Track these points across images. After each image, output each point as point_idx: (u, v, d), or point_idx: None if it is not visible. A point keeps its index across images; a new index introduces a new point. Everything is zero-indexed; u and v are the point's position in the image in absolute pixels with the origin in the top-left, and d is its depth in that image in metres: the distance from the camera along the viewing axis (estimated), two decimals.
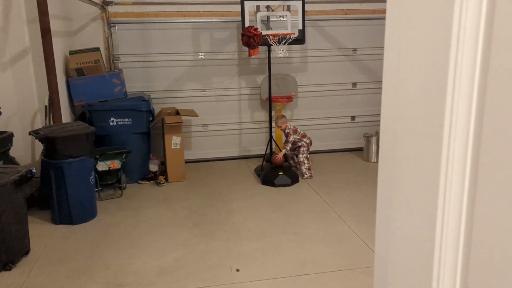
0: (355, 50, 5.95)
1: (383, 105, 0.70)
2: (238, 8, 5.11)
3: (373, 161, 5.65)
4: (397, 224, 0.64)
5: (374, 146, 5.64)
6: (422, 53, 0.59)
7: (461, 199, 0.51)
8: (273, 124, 5.50)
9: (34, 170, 3.33)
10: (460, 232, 0.51)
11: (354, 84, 6.06)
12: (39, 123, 4.40)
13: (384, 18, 6.01)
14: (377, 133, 5.72)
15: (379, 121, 6.13)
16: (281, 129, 5.08)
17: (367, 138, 5.68)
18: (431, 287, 0.53)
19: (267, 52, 4.98)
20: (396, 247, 0.64)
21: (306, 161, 5.11)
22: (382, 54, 5.98)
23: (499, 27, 0.49)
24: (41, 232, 3.77)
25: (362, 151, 5.80)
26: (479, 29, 0.52)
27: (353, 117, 6.16)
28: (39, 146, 4.30)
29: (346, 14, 5.80)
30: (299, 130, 5.13)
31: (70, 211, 3.87)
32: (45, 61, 4.13)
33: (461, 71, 0.53)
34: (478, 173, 0.52)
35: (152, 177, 5.07)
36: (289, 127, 5.05)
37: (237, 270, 3.10)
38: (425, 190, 0.58)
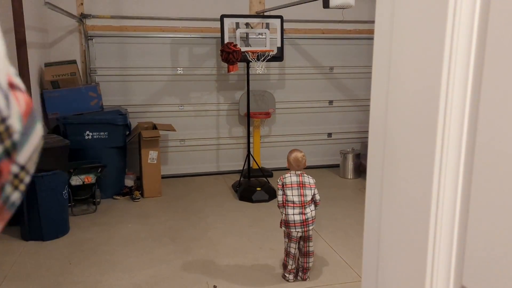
0: (331, 68, 6.07)
1: (373, 99, 0.71)
2: (217, 24, 5.15)
3: (349, 177, 5.72)
4: (387, 227, 0.64)
5: (350, 163, 5.70)
6: (416, 55, 0.61)
7: (455, 200, 0.53)
8: (251, 140, 5.50)
9: None
10: (454, 232, 0.53)
11: (330, 102, 6.16)
12: None
13: (360, 38, 6.17)
14: (353, 150, 5.81)
15: (355, 138, 6.24)
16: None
17: (344, 155, 5.75)
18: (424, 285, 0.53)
19: (246, 68, 5.02)
20: (387, 251, 0.64)
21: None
22: (358, 72, 6.12)
23: (493, 25, 0.51)
24: (10, 248, 3.63)
25: (339, 167, 5.87)
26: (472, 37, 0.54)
27: (329, 134, 6.24)
28: None
29: (323, 33, 5.92)
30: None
31: (41, 226, 3.74)
32: (20, 72, 4.03)
33: (454, 78, 0.55)
34: (472, 173, 0.54)
35: (128, 192, 4.97)
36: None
37: (214, 286, 3.05)
38: (418, 191, 0.59)
